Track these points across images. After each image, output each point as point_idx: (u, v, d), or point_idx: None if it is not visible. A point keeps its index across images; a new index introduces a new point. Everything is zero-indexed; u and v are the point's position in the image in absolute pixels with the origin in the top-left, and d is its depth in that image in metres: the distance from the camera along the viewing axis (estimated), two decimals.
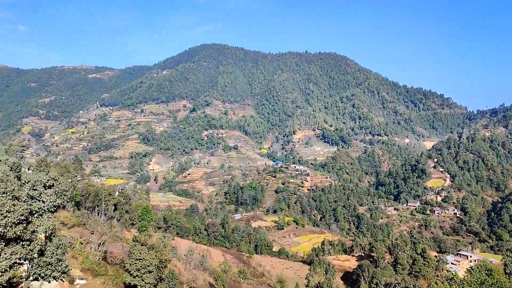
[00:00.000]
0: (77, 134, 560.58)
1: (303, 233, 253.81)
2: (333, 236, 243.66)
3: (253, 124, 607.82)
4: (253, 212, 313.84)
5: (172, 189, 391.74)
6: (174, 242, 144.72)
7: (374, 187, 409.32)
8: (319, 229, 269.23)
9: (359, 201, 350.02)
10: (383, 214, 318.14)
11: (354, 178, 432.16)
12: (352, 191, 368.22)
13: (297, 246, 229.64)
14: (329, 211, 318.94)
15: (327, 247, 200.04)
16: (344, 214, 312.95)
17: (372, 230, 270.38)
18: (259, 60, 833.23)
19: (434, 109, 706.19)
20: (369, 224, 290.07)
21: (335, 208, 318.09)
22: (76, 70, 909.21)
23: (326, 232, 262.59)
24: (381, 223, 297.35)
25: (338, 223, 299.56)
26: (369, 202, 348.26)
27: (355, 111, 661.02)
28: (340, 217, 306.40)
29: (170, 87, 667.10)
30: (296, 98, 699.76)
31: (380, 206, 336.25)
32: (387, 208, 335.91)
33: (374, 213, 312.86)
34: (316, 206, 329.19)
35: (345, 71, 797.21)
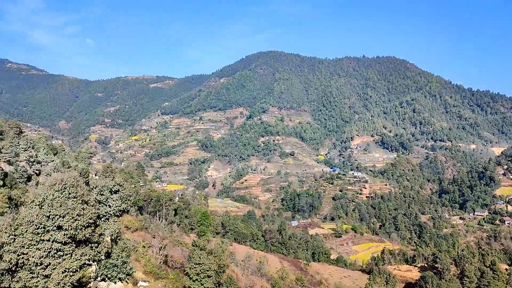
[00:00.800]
0: (140, 141, 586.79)
1: (361, 242, 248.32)
2: (394, 245, 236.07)
3: (309, 131, 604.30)
4: (310, 219, 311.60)
5: (230, 195, 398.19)
6: (232, 248, 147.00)
7: (437, 195, 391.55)
8: (378, 238, 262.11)
9: (421, 209, 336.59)
10: (447, 223, 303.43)
11: (415, 186, 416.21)
12: (413, 199, 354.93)
13: (356, 255, 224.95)
14: (389, 219, 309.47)
15: (387, 256, 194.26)
16: (405, 223, 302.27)
17: (436, 240, 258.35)
18: (315, 65, 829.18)
19: (503, 113, 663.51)
20: (432, 234, 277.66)
21: (395, 216, 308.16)
22: (138, 80, 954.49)
23: (386, 240, 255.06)
24: (445, 232, 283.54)
25: (398, 231, 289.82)
26: (431, 211, 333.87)
27: (416, 116, 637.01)
28: (400, 225, 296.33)
29: (228, 94, 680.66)
30: (354, 104, 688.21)
31: (444, 215, 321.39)
32: (452, 217, 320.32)
33: (437, 222, 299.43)
34: (375, 214, 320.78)
35: (405, 75, 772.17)
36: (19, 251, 45.27)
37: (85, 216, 49.37)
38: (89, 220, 49.95)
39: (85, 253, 49.91)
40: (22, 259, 45.48)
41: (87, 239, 50.19)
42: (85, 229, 49.36)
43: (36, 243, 46.17)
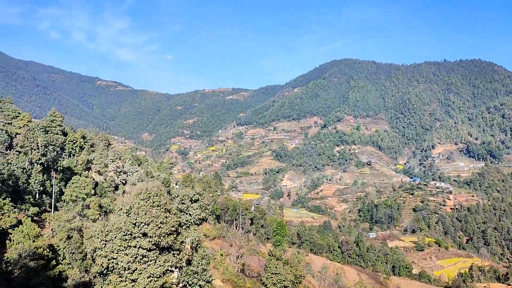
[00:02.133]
0: (217, 152, 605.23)
1: (446, 256, 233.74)
2: (483, 261, 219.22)
3: (387, 139, 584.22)
4: (389, 231, 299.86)
5: (305, 205, 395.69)
6: (308, 258, 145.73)
7: None
8: (465, 253, 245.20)
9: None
10: None
11: (507, 197, 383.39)
12: (504, 211, 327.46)
13: (440, 270, 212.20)
14: (477, 233, 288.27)
15: (476, 273, 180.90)
16: (496, 237, 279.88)
17: None
18: (392, 72, 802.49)
19: None
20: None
21: (485, 230, 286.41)
22: (215, 93, 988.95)
23: (474, 256, 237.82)
24: None
25: (488, 246, 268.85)
26: None
27: (506, 122, 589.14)
28: (491, 240, 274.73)
29: (301, 104, 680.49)
30: (435, 110, 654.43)
31: None
32: None
33: None
34: (461, 227, 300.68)
35: (492, 78, 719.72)
36: (109, 256, 48.68)
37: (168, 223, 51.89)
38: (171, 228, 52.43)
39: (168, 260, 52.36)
40: (112, 263, 48.83)
41: (169, 246, 52.66)
42: (168, 237, 51.84)
43: (124, 249, 49.32)
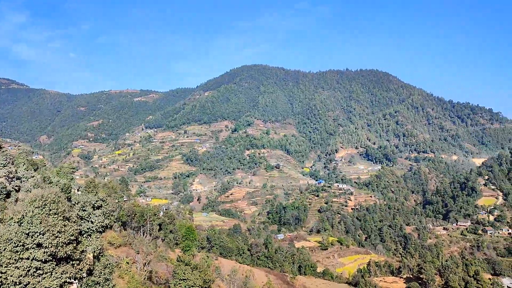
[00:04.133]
0: (124, 156, 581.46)
1: (348, 254, 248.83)
2: (379, 257, 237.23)
3: (294, 143, 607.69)
4: (296, 232, 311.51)
5: (215, 209, 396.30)
6: (217, 262, 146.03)
7: (421, 206, 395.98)
8: (364, 250, 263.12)
9: (406, 220, 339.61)
10: (431, 234, 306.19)
11: (400, 197, 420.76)
12: (398, 210, 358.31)
13: (342, 267, 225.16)
14: (375, 231, 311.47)
15: (373, 268, 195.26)
16: (390, 234, 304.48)
17: (420, 250, 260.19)
18: (300, 79, 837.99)
19: (483, 125, 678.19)
20: (417, 245, 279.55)
21: (381, 228, 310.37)
22: (122, 94, 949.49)
23: (371, 252, 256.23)
24: (430, 243, 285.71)
25: (384, 243, 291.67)
26: (416, 222, 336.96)
27: (399, 128, 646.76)
28: (386, 237, 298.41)
29: (212, 108, 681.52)
30: (338, 116, 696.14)
31: (428, 226, 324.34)
32: (436, 228, 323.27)
33: (422, 233, 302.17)
34: (361, 226, 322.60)
35: (388, 87, 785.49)
36: None
37: (67, 232, 48.77)
38: (70, 236, 49.35)
39: (66, 271, 49.15)
40: (0, 279, 44.59)
41: (68, 256, 49.49)
42: (66, 246, 48.72)
43: (14, 262, 45.33)
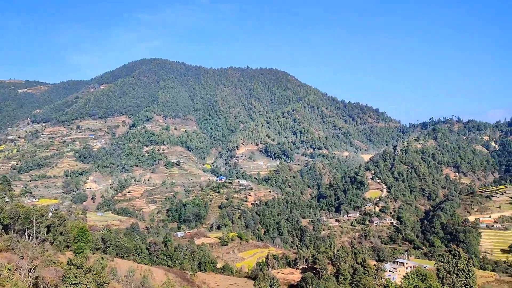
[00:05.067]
0: (6, 152, 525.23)
1: (247, 248, 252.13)
2: (277, 250, 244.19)
3: (195, 140, 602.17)
4: (197, 229, 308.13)
5: (111, 208, 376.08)
6: (113, 264, 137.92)
7: (316, 200, 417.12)
8: (263, 244, 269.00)
9: (302, 213, 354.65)
10: (325, 226, 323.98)
11: (297, 191, 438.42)
12: (294, 204, 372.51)
13: (242, 262, 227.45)
14: (273, 225, 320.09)
15: (271, 261, 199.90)
16: (288, 227, 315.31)
17: (315, 242, 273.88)
18: (201, 75, 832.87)
19: (370, 123, 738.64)
20: (312, 236, 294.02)
21: (279, 221, 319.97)
22: (4, 85, 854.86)
23: (270, 246, 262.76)
24: (323, 234, 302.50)
25: (282, 236, 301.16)
26: (311, 215, 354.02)
27: (296, 126, 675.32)
28: (283, 230, 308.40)
29: (108, 102, 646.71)
30: (239, 113, 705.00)
31: (322, 218, 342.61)
32: (329, 220, 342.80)
33: (316, 225, 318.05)
34: (260, 220, 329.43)
35: (286, 86, 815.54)
36: None
37: None
38: None
39: None
40: None
41: None
42: None
43: None
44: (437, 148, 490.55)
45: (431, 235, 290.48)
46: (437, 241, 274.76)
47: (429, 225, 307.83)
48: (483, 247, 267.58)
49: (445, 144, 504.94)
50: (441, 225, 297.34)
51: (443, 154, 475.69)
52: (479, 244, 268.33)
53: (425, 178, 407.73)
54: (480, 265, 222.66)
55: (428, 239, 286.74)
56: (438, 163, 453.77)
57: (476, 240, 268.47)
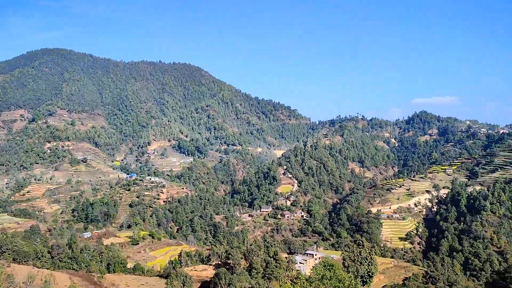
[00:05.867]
0: None
1: (159, 247, 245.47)
2: (191, 247, 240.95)
3: (104, 135, 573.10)
4: (105, 229, 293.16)
5: (8, 209, 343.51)
6: (10, 270, 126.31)
7: (230, 196, 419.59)
8: (176, 241, 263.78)
9: (216, 210, 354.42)
10: (238, 221, 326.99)
11: (211, 188, 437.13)
12: (208, 200, 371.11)
13: (154, 261, 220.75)
14: (186, 222, 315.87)
15: (184, 259, 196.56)
16: (201, 224, 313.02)
17: (228, 237, 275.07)
18: (110, 68, 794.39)
19: (282, 120, 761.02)
20: (226, 232, 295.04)
21: (192, 218, 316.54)
22: None
23: (183, 243, 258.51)
24: (237, 230, 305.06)
25: (195, 233, 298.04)
26: (225, 211, 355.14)
27: (210, 122, 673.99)
28: (197, 227, 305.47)
29: (4, 94, 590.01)
30: (151, 108, 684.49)
31: (235, 214, 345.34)
32: (242, 215, 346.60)
33: (230, 221, 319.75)
34: (172, 218, 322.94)
35: (200, 82, 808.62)
36: None
37: None
38: None
39: None
40: None
41: None
42: None
43: None
44: (343, 144, 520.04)
45: (338, 227, 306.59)
46: (344, 232, 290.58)
47: (337, 217, 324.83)
48: (383, 236, 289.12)
49: (351, 140, 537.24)
50: (347, 217, 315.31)
51: (349, 149, 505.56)
52: (380, 233, 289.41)
53: (333, 173, 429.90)
54: (381, 252, 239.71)
55: (335, 231, 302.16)
56: (345, 158, 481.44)
57: (378, 230, 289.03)
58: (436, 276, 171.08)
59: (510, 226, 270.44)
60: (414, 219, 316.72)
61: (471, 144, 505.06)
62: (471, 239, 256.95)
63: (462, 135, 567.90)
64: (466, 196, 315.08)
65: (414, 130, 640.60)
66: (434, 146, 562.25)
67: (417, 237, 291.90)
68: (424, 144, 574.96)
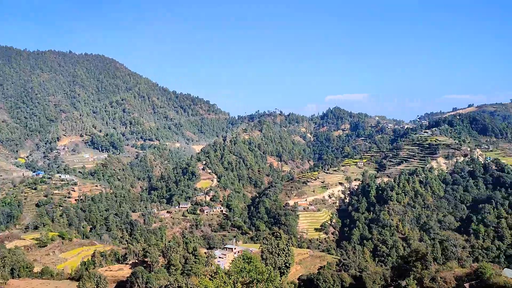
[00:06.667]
0: None
1: (70, 248, 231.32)
2: (105, 247, 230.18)
3: (6, 130, 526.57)
4: (8, 231, 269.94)
5: None
6: None
7: (147, 192, 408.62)
8: (89, 241, 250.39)
9: (132, 207, 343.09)
10: (156, 218, 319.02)
11: (126, 185, 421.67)
12: (124, 197, 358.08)
13: (64, 263, 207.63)
14: (100, 220, 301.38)
15: (98, 259, 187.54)
16: (117, 222, 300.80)
17: (146, 235, 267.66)
18: (12, 57, 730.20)
19: (201, 115, 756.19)
20: (143, 230, 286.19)
21: (107, 217, 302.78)
22: None
23: (97, 243, 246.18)
24: (155, 227, 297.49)
25: (110, 232, 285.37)
26: (142, 208, 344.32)
27: (126, 116, 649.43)
28: (112, 226, 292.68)
29: None
30: (60, 102, 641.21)
31: (153, 211, 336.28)
32: (160, 212, 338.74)
33: (147, 218, 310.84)
34: (85, 217, 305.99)
35: (115, 74, 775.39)
36: None
37: None
38: None
39: None
40: None
41: None
42: None
43: None
44: (262, 139, 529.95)
45: (257, 220, 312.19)
46: (262, 225, 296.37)
47: (255, 211, 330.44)
48: (300, 228, 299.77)
49: (270, 135, 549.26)
50: (266, 210, 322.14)
51: (268, 144, 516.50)
52: (297, 225, 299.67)
53: (252, 167, 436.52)
54: (298, 244, 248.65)
55: (254, 224, 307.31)
56: (263, 153, 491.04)
57: (294, 222, 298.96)
58: (348, 263, 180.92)
59: (413, 214, 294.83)
60: (329, 210, 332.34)
61: (379, 139, 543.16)
62: (379, 227, 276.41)
63: (371, 130, 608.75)
64: (375, 187, 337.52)
65: (328, 125, 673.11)
66: (346, 141, 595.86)
67: (331, 228, 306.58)
68: (338, 139, 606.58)
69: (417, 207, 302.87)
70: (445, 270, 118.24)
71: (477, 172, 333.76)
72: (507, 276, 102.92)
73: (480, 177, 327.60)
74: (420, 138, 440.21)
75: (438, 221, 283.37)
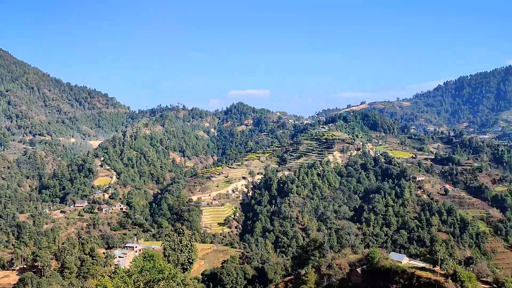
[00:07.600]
0: None
1: None
2: None
3: None
4: None
5: None
6: None
7: (37, 191, 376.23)
8: None
9: (19, 208, 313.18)
10: (48, 219, 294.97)
11: (13, 184, 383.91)
12: (10, 198, 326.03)
13: None
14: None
15: None
16: (1, 225, 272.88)
17: (36, 238, 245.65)
18: None
19: (99, 108, 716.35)
20: (32, 232, 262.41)
21: None
22: None
23: None
24: (46, 228, 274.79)
25: None
26: (31, 208, 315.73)
27: (12, 109, 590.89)
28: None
29: None
30: None
31: (45, 211, 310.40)
32: (53, 212, 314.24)
33: (37, 219, 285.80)
34: None
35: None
36: None
37: None
38: None
39: None
40: None
41: None
42: None
43: None
44: (165, 133, 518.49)
45: (159, 217, 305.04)
46: (165, 222, 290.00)
47: (158, 207, 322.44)
48: (204, 223, 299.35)
49: (172, 130, 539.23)
50: (168, 206, 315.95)
51: (170, 139, 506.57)
52: (200, 220, 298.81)
53: (154, 163, 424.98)
54: (201, 239, 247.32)
55: (156, 221, 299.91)
56: (166, 148, 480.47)
57: (198, 218, 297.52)
58: (251, 256, 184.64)
59: (312, 206, 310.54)
60: (232, 204, 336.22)
61: (281, 134, 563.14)
62: (280, 219, 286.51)
63: (273, 125, 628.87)
64: (276, 180, 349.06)
65: (232, 121, 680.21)
66: (249, 136, 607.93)
67: (234, 221, 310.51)
68: (241, 134, 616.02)
69: (315, 199, 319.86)
70: (340, 257, 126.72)
71: (368, 164, 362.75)
72: (393, 259, 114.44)
73: (371, 169, 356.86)
74: (318, 133, 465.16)
75: (334, 211, 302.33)
